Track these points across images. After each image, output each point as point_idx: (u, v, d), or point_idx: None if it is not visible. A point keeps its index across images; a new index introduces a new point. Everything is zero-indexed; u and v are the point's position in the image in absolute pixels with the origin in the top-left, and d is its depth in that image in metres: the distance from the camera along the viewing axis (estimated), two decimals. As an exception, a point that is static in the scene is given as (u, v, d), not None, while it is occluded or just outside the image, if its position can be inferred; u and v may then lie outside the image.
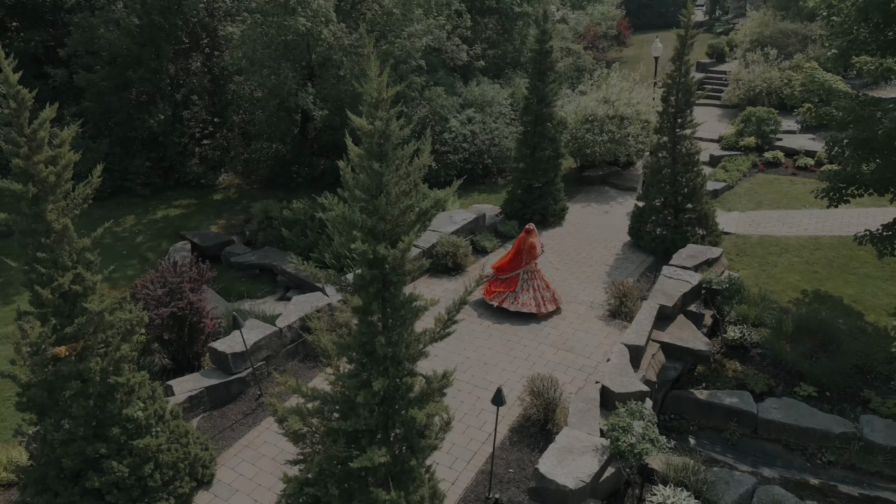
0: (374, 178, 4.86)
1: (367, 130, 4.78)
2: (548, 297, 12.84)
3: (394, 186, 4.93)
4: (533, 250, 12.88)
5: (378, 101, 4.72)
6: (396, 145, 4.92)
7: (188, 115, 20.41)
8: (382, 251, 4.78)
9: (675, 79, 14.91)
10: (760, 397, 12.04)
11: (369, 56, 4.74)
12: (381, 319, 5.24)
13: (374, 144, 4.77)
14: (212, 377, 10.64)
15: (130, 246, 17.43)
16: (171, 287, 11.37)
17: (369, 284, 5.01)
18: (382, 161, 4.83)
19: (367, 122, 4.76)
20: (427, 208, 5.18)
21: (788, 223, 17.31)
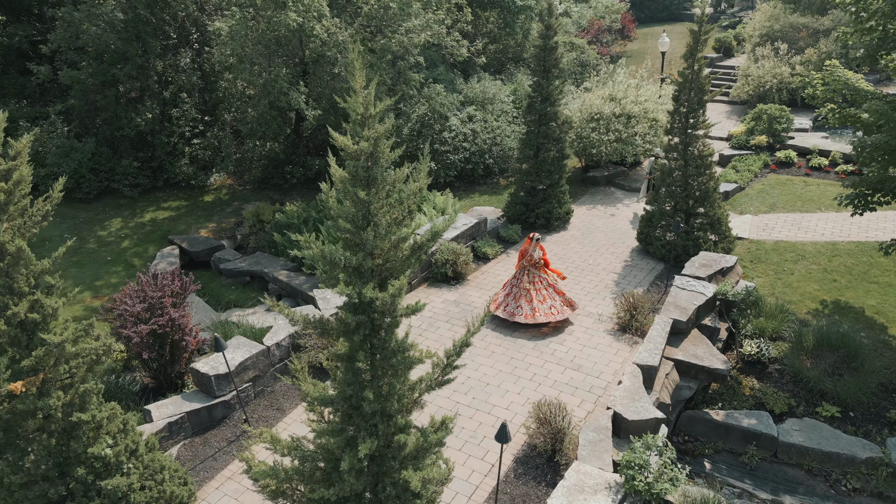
0: (361, 208, 4.12)
1: (352, 152, 4.03)
2: (542, 309, 12.16)
3: (384, 216, 4.18)
4: (522, 256, 12.28)
5: (364, 117, 3.97)
6: (387, 168, 4.17)
7: (177, 113, 19.59)
8: (370, 293, 4.04)
9: (687, 77, 14.12)
10: (780, 418, 11.34)
11: (354, 63, 3.98)
12: (369, 369, 4.49)
13: (359, 168, 4.02)
14: (193, 401, 9.90)
15: (116, 251, 16.66)
16: (151, 302, 10.62)
17: (354, 332, 4.27)
18: (370, 187, 4.08)
19: (352, 141, 4.01)
20: (423, 241, 4.43)
21: (804, 227, 16.54)
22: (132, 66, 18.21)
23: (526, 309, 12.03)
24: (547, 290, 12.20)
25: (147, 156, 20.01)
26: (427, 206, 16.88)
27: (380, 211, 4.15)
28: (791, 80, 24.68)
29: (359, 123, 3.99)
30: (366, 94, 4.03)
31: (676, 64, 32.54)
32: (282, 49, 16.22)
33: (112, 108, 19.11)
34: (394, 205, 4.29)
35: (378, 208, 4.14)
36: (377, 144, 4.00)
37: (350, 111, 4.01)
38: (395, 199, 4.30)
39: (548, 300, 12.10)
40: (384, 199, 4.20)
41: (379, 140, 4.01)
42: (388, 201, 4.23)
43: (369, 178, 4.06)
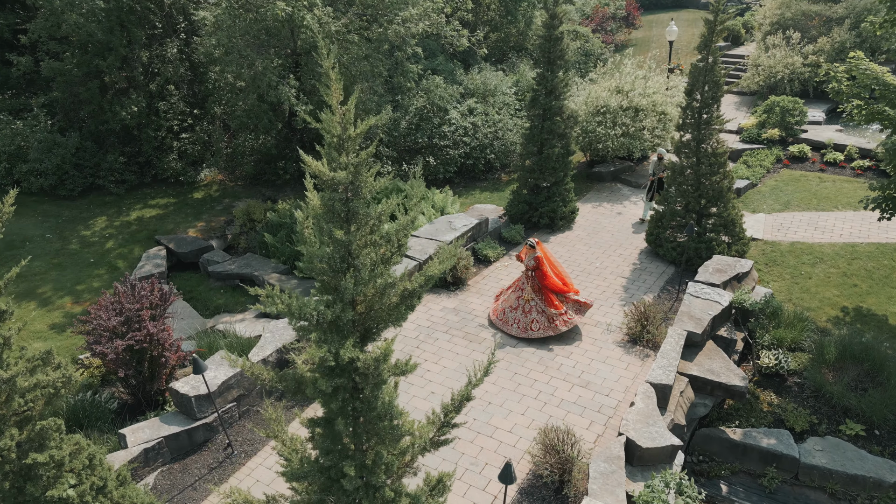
0: (339, 249, 3.38)
1: (328, 180, 3.28)
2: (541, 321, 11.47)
3: (367, 256, 3.44)
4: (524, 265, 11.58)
5: (342, 140, 3.22)
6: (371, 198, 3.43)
7: (165, 106, 18.76)
8: (348, 354, 3.31)
9: (701, 69, 13.29)
10: (800, 436, 10.65)
11: (328, 73, 3.22)
12: (351, 438, 3.76)
13: (336, 202, 3.28)
14: (172, 423, 9.19)
15: (99, 252, 15.91)
16: (128, 315, 9.88)
17: (332, 397, 3.54)
18: (349, 224, 3.34)
19: (328, 168, 3.26)
20: (415, 287, 3.69)
21: (821, 227, 15.77)
22: (116, 56, 17.35)
23: (522, 321, 11.36)
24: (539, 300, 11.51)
25: (134, 151, 19.20)
26: (426, 204, 16.11)
27: (362, 251, 3.42)
28: (803, 70, 23.81)
29: (335, 147, 3.25)
30: (344, 110, 3.28)
31: (683, 53, 31.64)
32: (272, 40, 15.38)
33: (96, 101, 18.28)
34: (379, 242, 3.55)
35: (360, 248, 3.42)
36: (358, 172, 3.26)
37: (324, 132, 3.27)
38: (380, 235, 3.57)
39: (533, 312, 11.39)
40: (367, 235, 3.47)
41: (360, 167, 3.28)
42: (373, 238, 3.50)
43: (349, 212, 3.33)
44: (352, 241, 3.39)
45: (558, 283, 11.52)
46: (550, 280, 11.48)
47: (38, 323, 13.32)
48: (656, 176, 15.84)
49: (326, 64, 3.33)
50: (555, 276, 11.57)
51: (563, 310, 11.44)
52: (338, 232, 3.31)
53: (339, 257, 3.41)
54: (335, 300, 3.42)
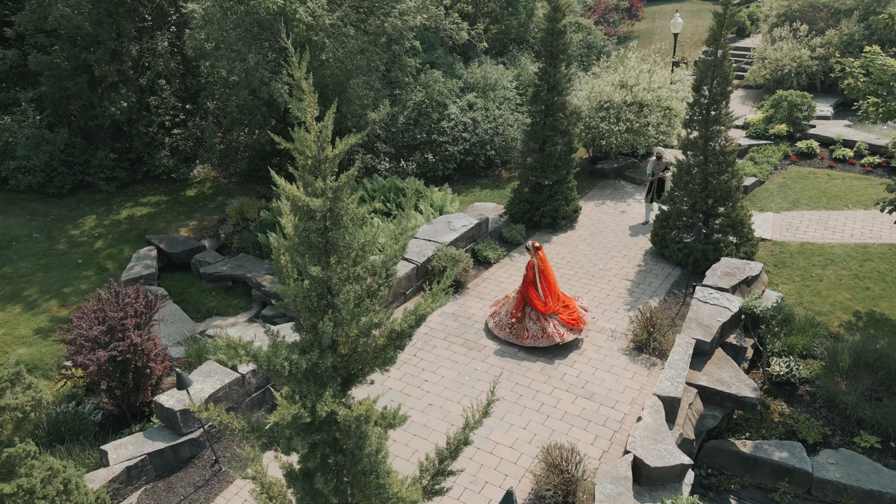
0: (316, 287, 2.93)
1: (302, 205, 2.83)
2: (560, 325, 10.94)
3: (350, 292, 2.99)
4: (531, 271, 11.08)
5: (318, 161, 2.77)
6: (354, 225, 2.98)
7: (156, 101, 18.23)
8: (327, 408, 2.86)
9: (709, 64, 12.79)
10: (813, 448, 10.25)
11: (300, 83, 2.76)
12: (334, 494, 3.32)
13: (312, 233, 2.83)
14: (157, 439, 8.76)
15: (88, 253, 15.45)
16: (112, 324, 9.43)
17: (309, 456, 3.10)
18: (329, 255, 2.89)
19: (303, 193, 2.81)
20: (405, 328, 3.24)
21: (831, 227, 15.31)
22: (105, 50, 16.83)
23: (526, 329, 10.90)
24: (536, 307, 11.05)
25: (124, 147, 18.70)
26: (424, 203, 15.64)
27: (343, 287, 2.98)
28: (811, 63, 23.26)
29: (310, 170, 2.80)
30: (320, 127, 2.82)
31: (688, 45, 31.06)
32: (265, 33, 14.85)
33: (85, 96, 17.77)
34: (363, 276, 3.11)
35: (341, 283, 2.97)
36: (338, 198, 2.82)
37: (296, 153, 2.82)
38: (365, 267, 3.12)
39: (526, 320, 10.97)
40: (350, 267, 3.02)
41: (340, 192, 2.83)
42: (356, 271, 3.06)
43: (327, 244, 2.89)
44: (331, 277, 2.95)
45: (539, 302, 11.01)
46: (533, 293, 10.98)
47: (23, 327, 12.88)
48: (655, 176, 15.27)
49: (298, 73, 2.87)
50: (540, 291, 11.03)
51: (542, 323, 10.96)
52: (314, 268, 2.87)
53: (316, 295, 2.98)
54: (312, 344, 2.99)
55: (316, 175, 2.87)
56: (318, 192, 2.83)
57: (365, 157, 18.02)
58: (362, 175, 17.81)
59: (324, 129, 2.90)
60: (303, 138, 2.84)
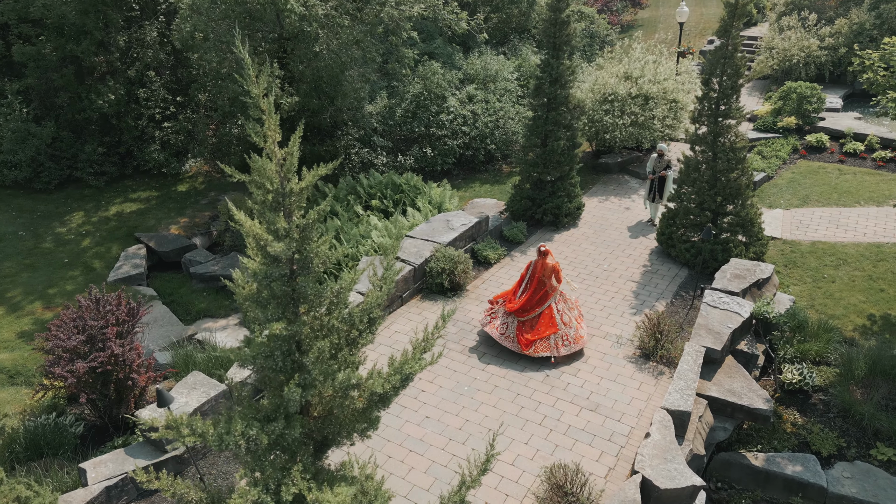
0: (280, 346, 2.45)
1: (262, 244, 2.34)
2: (571, 334, 10.41)
3: (323, 349, 2.51)
4: (558, 273, 10.40)
5: (281, 195, 2.28)
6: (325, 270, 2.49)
7: (145, 93, 17.66)
8: (294, 488, 2.38)
9: (719, 56, 12.23)
10: (827, 460, 9.81)
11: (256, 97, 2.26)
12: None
13: (275, 282, 2.35)
14: (139, 456, 8.31)
15: (74, 252, 14.96)
16: (92, 333, 8.95)
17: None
18: (296, 305, 2.41)
19: (265, 231, 2.32)
20: (388, 390, 2.75)
21: (842, 225, 14.80)
22: (91, 40, 16.24)
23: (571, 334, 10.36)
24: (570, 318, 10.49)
25: (113, 141, 18.16)
26: (422, 200, 15.13)
27: (314, 344, 2.50)
28: (820, 53, 22.66)
29: (271, 206, 2.31)
30: (283, 154, 2.32)
31: (692, 35, 30.40)
32: (257, 24, 14.27)
33: (72, 88, 17.20)
34: (339, 327, 2.63)
35: (312, 338, 2.50)
36: (306, 239, 2.34)
37: (252, 186, 2.33)
38: (341, 317, 2.64)
39: (574, 321, 10.43)
40: (323, 317, 2.55)
41: (309, 231, 2.35)
42: (330, 322, 2.58)
43: (296, 294, 2.41)
44: (299, 332, 2.48)
45: (513, 296, 10.55)
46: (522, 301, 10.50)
47: (5, 331, 12.43)
48: (657, 174, 14.66)
49: (255, 90, 2.37)
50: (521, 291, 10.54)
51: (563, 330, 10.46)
52: (276, 325, 2.39)
53: (280, 354, 2.50)
54: (278, 409, 2.51)
55: (278, 211, 2.38)
56: (280, 233, 2.35)
57: (361, 151, 17.48)
58: (359, 170, 17.28)
59: (288, 156, 2.41)
60: (262, 168, 2.35)
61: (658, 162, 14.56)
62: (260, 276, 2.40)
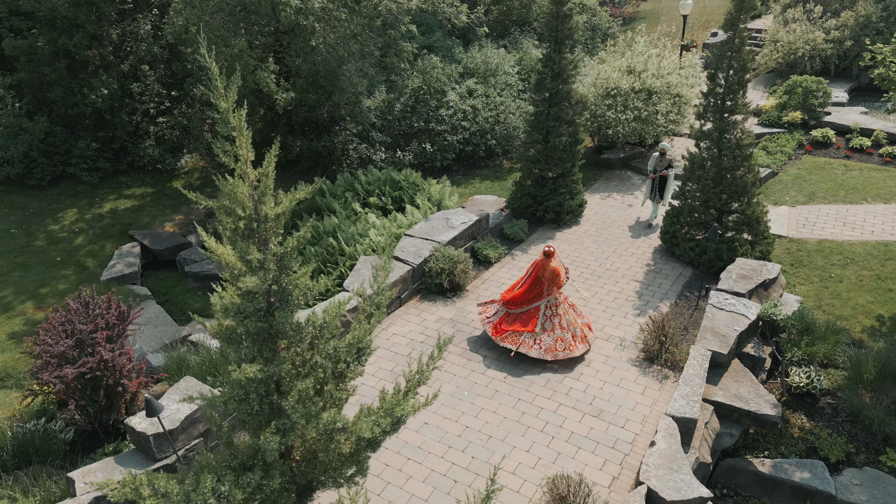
0: (256, 388, 2.19)
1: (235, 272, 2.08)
2: (578, 336, 10.13)
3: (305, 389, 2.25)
4: (557, 277, 10.10)
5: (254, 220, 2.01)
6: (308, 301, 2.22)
7: (139, 88, 17.34)
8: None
9: (726, 50, 11.93)
10: (836, 467, 9.59)
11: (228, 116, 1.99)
12: None
13: (248, 318, 2.09)
14: (129, 465, 8.06)
15: (67, 250, 14.69)
16: (81, 337, 8.70)
17: None
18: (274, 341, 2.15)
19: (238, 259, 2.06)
20: (377, 434, 2.49)
21: (850, 223, 14.52)
22: (84, 34, 15.91)
23: (547, 342, 10.07)
24: (566, 324, 10.19)
25: (107, 136, 17.85)
26: (421, 197, 14.84)
27: (295, 384, 2.24)
28: (825, 46, 22.30)
29: (243, 233, 2.05)
30: (258, 174, 2.06)
31: (696, 27, 30.01)
32: (253, 17, 13.95)
33: (65, 83, 16.89)
34: (324, 364, 2.37)
35: (292, 377, 2.24)
36: (285, 268, 2.08)
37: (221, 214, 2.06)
38: (325, 353, 2.38)
39: (567, 331, 10.14)
40: (305, 353, 2.29)
41: (287, 261, 2.09)
42: (313, 359, 2.32)
43: (271, 331, 2.15)
44: (276, 373, 2.22)
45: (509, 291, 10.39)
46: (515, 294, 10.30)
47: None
48: (657, 174, 14.32)
49: (223, 104, 2.11)
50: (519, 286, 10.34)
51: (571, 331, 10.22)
52: (250, 368, 2.13)
53: (257, 398, 2.24)
54: (255, 456, 2.26)
55: (250, 238, 2.12)
56: (254, 265, 2.09)
57: (359, 146, 17.18)
58: (357, 166, 16.99)
59: (263, 177, 2.14)
60: (234, 191, 2.08)
61: (659, 161, 14.22)
62: (232, 311, 2.14)
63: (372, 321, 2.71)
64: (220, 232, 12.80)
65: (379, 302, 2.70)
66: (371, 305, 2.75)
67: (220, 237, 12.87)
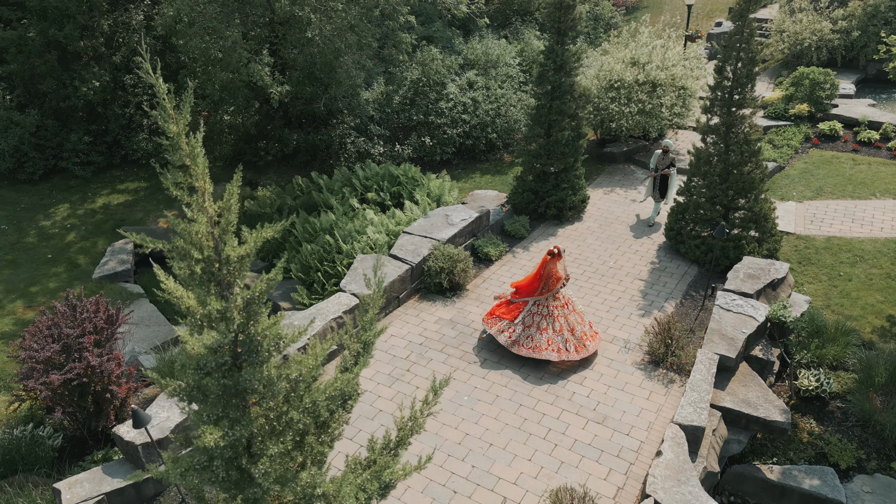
0: (221, 454, 1.90)
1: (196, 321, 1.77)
2: (572, 341, 9.82)
3: (280, 454, 1.95)
4: (550, 281, 9.82)
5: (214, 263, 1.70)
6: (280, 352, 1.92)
7: (132, 80, 16.97)
8: None
9: (734, 42, 11.57)
10: (846, 473, 9.32)
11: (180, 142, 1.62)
12: None
13: (210, 375, 1.78)
14: (117, 475, 7.80)
15: (59, 247, 14.38)
16: (67, 342, 8.41)
17: None
18: (243, 398, 1.85)
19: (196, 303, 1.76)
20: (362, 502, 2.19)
21: (858, 219, 14.20)
22: (74, 25, 15.52)
23: (537, 339, 9.79)
24: (559, 327, 9.89)
25: (100, 129, 17.49)
26: (420, 192, 14.51)
27: (268, 447, 1.94)
28: (832, 37, 21.88)
29: (201, 280, 1.75)
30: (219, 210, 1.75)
31: (699, 16, 29.55)
32: (248, 8, 13.56)
33: (56, 75, 16.51)
34: (303, 420, 2.07)
35: (264, 436, 1.94)
36: (253, 316, 1.77)
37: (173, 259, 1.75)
38: (304, 408, 2.08)
39: (577, 328, 9.86)
40: (280, 406, 1.99)
41: (255, 308, 1.78)
42: (289, 414, 2.03)
43: (237, 388, 1.86)
44: (242, 437, 1.93)
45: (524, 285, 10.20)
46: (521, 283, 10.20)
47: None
48: (659, 172, 13.93)
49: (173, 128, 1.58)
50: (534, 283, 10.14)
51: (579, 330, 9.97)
52: (210, 435, 1.84)
53: (222, 464, 1.96)
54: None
55: (209, 284, 1.82)
56: (214, 317, 1.79)
57: (357, 140, 16.83)
58: (355, 160, 16.65)
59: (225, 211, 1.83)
60: (190, 231, 1.77)
61: (662, 158, 13.81)
62: (191, 366, 1.86)
63: (360, 363, 2.40)
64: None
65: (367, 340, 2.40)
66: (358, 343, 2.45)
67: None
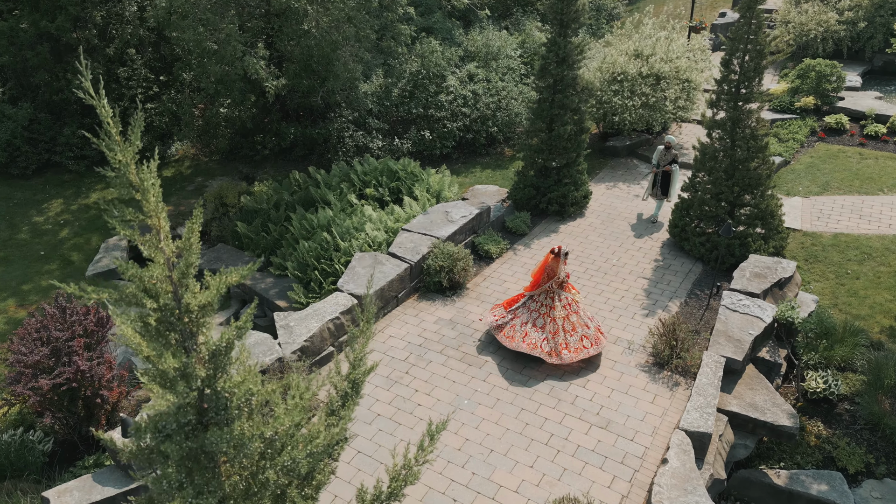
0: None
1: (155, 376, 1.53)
2: (571, 344, 9.57)
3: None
4: (549, 279, 9.69)
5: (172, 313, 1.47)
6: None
7: (125, 73, 16.66)
8: None
9: (741, 34, 11.28)
10: (854, 478, 9.14)
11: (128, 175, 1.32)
12: None
13: (171, 438, 1.55)
14: (108, 483, 7.58)
15: (52, 243, 14.13)
16: (57, 346, 8.18)
17: None
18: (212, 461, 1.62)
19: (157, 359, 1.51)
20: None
21: (865, 215, 13.95)
22: (66, 16, 15.20)
23: (552, 343, 9.54)
24: (554, 329, 9.67)
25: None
26: (419, 188, 14.23)
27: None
28: (838, 28, 21.52)
29: (158, 332, 1.52)
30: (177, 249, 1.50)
31: (703, 7, 29.15)
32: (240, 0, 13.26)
33: (49, 67, 16.20)
34: (278, 480, 1.84)
35: (239, 495, 1.72)
36: (219, 368, 1.54)
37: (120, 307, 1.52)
38: (282, 466, 1.85)
39: (579, 330, 9.65)
40: (255, 465, 1.77)
41: (222, 361, 1.55)
42: (265, 473, 1.80)
43: (204, 450, 1.63)
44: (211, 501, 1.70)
45: None
46: None
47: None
48: (661, 168, 13.62)
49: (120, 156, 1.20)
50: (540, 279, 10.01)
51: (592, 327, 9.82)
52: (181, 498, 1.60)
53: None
54: None
55: (167, 336, 1.59)
56: (171, 376, 1.56)
57: (356, 134, 16.54)
58: (353, 154, 16.36)
59: (185, 251, 1.56)
60: (141, 276, 1.52)
61: (664, 155, 13.51)
62: (148, 427, 1.63)
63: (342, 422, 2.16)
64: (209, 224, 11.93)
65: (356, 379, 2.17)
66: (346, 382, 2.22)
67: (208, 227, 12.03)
